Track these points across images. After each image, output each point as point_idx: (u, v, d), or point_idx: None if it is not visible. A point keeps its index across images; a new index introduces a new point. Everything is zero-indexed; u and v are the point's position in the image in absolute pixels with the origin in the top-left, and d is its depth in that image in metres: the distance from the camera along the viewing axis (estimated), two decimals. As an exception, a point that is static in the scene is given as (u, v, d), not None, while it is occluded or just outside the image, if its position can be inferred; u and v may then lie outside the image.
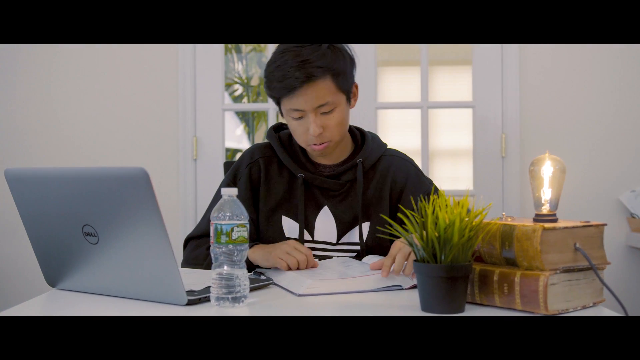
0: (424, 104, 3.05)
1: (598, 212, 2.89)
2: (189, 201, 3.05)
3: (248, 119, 5.10)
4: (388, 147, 1.81)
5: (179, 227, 2.99)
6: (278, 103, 1.67)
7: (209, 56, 3.09)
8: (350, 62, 1.67)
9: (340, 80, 1.62)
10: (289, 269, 1.50)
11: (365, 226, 1.71)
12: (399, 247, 1.44)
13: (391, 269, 1.42)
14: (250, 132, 5.16)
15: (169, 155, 3.07)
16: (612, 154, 2.91)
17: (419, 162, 2.61)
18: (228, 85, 4.93)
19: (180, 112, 3.06)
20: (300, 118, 1.63)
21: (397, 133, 4.52)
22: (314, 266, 1.53)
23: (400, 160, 1.78)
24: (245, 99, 5.12)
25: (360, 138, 1.80)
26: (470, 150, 3.07)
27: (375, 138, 1.81)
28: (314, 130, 1.61)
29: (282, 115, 1.70)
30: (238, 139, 5.18)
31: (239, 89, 5.09)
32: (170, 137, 3.07)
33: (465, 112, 3.22)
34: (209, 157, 3.08)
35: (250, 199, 1.73)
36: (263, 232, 1.72)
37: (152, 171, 3.27)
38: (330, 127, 1.64)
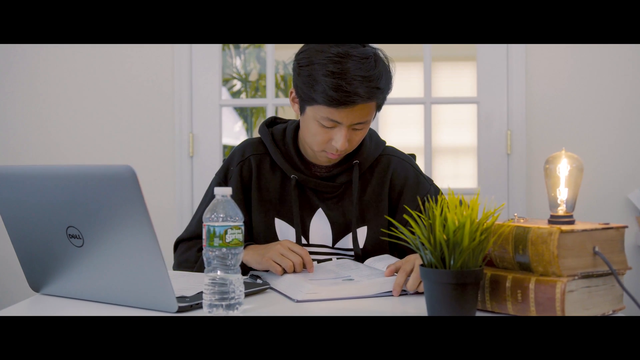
0: (427, 99, 2.97)
1: (606, 211, 2.81)
2: (185, 200, 2.97)
3: (246, 115, 5.02)
4: (387, 144, 1.73)
5: (175, 227, 2.91)
6: (305, 103, 1.54)
7: (206, 51, 3.01)
8: (388, 91, 1.59)
9: (381, 102, 1.55)
10: (284, 272, 1.42)
11: (362, 231, 1.63)
12: (412, 263, 1.35)
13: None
14: (249, 129, 5.08)
15: (164, 153, 2.99)
16: (621, 150, 2.84)
17: (421, 160, 2.53)
18: (226, 81, 4.84)
19: (176, 108, 2.98)
20: (330, 127, 1.52)
21: (398, 130, 4.44)
22: (310, 268, 1.44)
23: (399, 161, 1.69)
24: (243, 95, 5.05)
25: None
26: (474, 147, 2.99)
27: (373, 136, 1.71)
28: (343, 144, 1.52)
29: (300, 111, 1.58)
30: (236, 136, 5.10)
31: (237, 85, 5.01)
32: (166, 134, 2.99)
33: (468, 108, 3.14)
34: (205, 154, 3.00)
35: (242, 200, 1.64)
36: (255, 234, 1.64)
37: (146, 169, 3.20)
38: (353, 142, 1.56)
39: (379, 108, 1.57)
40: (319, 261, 1.62)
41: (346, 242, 1.63)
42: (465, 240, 1.07)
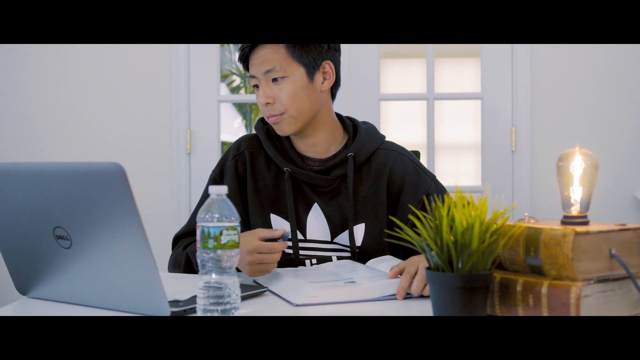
0: (429, 95, 2.91)
1: (613, 209, 2.75)
2: (183, 198, 2.91)
3: (245, 111, 4.96)
4: (386, 139, 1.67)
5: (172, 226, 2.85)
6: None
7: (204, 46, 2.95)
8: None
9: (296, 50, 1.54)
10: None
11: (360, 228, 1.57)
12: (417, 265, 1.30)
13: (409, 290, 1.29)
14: (248, 125, 5.03)
15: (162, 150, 2.93)
16: (628, 147, 2.78)
17: (423, 157, 2.47)
18: (225, 77, 4.79)
19: (174, 104, 2.92)
20: (256, 87, 1.57)
21: (400, 126, 4.39)
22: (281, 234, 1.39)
23: (398, 155, 1.63)
24: (242, 91, 4.98)
25: (353, 129, 1.65)
26: (476, 144, 2.93)
27: (371, 130, 1.66)
28: (260, 97, 1.56)
29: None
30: (235, 132, 5.04)
31: (236, 80, 4.95)
32: (163, 130, 2.93)
33: (470, 105, 3.08)
34: (203, 151, 2.95)
35: (239, 195, 1.61)
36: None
37: (143, 166, 3.13)
38: (280, 99, 1.54)
39: (303, 64, 1.54)
40: (319, 258, 1.57)
41: (344, 238, 1.59)
42: (475, 242, 1.02)
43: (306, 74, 1.55)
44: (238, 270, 1.45)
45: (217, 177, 1.64)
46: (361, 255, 1.57)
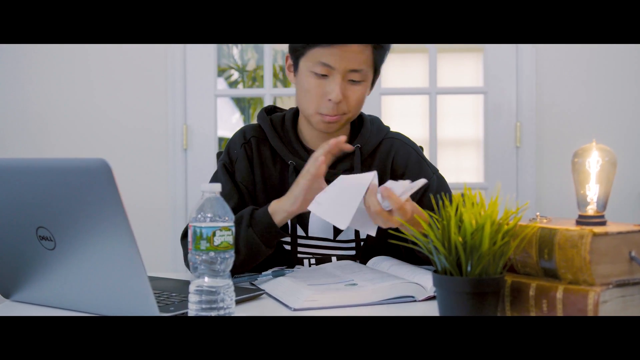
0: (432, 89, 2.84)
1: (617, 207, 2.66)
2: (179, 194, 2.84)
3: (244, 106, 4.89)
4: (391, 130, 1.63)
5: (169, 223, 2.78)
6: (299, 55, 1.47)
7: (201, 38, 2.89)
8: (387, 50, 1.53)
9: (378, 57, 1.49)
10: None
11: None
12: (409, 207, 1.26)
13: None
14: (246, 121, 4.96)
15: (157, 145, 2.86)
16: (634, 144, 2.71)
17: (425, 153, 2.41)
18: (222, 71, 4.72)
19: (170, 98, 2.86)
20: (323, 77, 1.44)
21: (401, 121, 4.33)
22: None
23: (402, 143, 1.59)
24: (240, 85, 4.92)
25: (358, 122, 1.61)
26: (478, 139, 2.87)
27: (376, 121, 1.62)
28: (337, 94, 1.43)
29: (294, 72, 1.50)
30: (233, 128, 4.97)
31: (234, 75, 4.88)
32: (159, 125, 2.87)
33: (472, 99, 3.01)
34: (200, 146, 2.88)
35: (253, 180, 1.54)
36: None
37: (139, 162, 3.07)
38: (350, 100, 1.46)
39: (376, 71, 1.50)
40: (318, 258, 1.51)
41: (348, 233, 1.53)
42: (485, 244, 0.95)
43: (372, 81, 1.52)
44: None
45: (227, 165, 1.55)
46: (366, 249, 1.52)
